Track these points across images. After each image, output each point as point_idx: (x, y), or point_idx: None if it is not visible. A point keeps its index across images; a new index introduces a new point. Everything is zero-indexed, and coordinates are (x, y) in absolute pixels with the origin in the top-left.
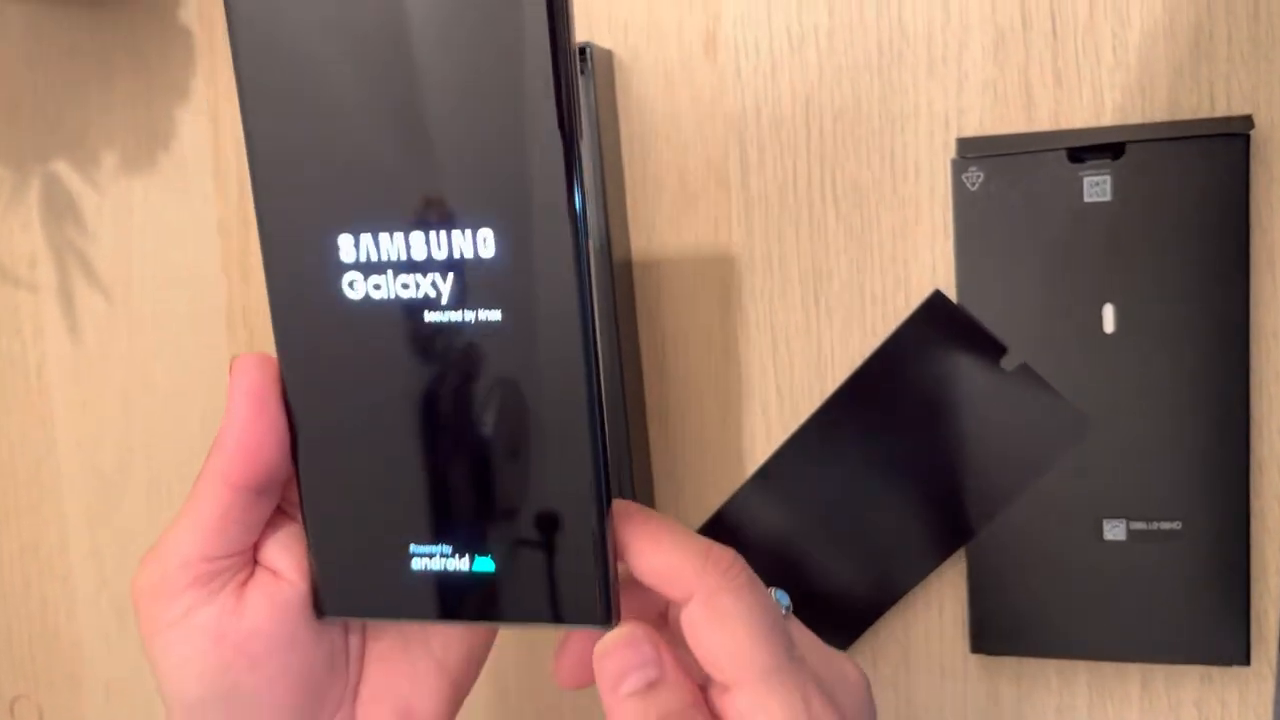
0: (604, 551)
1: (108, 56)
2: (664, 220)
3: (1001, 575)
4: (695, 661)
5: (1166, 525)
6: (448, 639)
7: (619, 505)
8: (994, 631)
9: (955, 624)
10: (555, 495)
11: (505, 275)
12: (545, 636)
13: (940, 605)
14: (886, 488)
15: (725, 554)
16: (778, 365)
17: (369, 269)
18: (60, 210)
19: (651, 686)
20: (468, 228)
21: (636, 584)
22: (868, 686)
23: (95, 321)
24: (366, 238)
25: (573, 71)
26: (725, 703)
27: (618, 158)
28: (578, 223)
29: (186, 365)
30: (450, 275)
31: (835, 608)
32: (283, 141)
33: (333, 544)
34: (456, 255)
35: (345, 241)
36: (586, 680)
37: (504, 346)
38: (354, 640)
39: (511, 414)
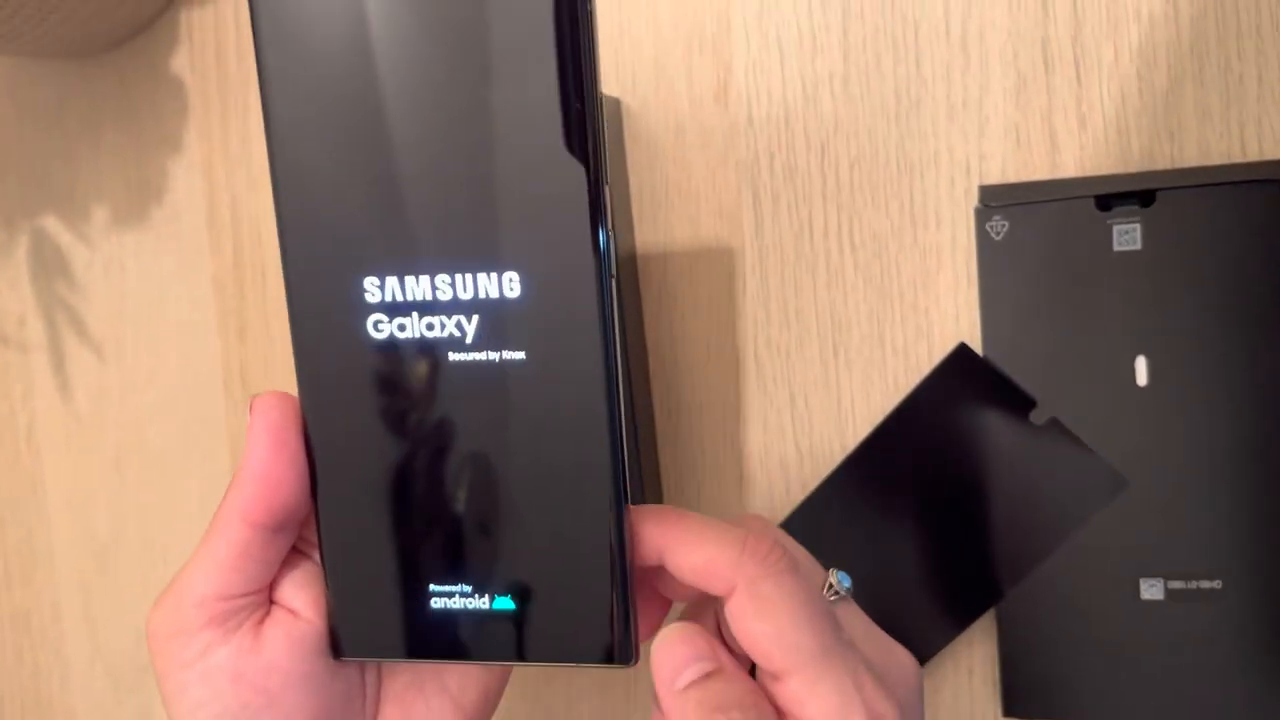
0: (625, 591)
1: (97, 108)
2: (676, 272)
3: (1034, 636)
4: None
5: (1206, 584)
6: (464, 678)
7: (652, 510)
8: (1026, 695)
9: (986, 686)
10: (576, 536)
11: (531, 316)
12: (562, 674)
13: (970, 667)
14: (911, 547)
15: (763, 541)
16: (796, 421)
17: (394, 310)
18: (50, 266)
19: (708, 678)
20: (494, 270)
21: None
22: (920, 674)
23: (86, 381)
24: (392, 280)
25: (600, 117)
26: (777, 691)
27: (628, 209)
28: (603, 264)
29: (181, 426)
30: (475, 316)
31: None
32: (309, 184)
33: (351, 584)
34: (482, 296)
35: (371, 284)
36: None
37: (528, 386)
38: (370, 678)
39: (534, 454)
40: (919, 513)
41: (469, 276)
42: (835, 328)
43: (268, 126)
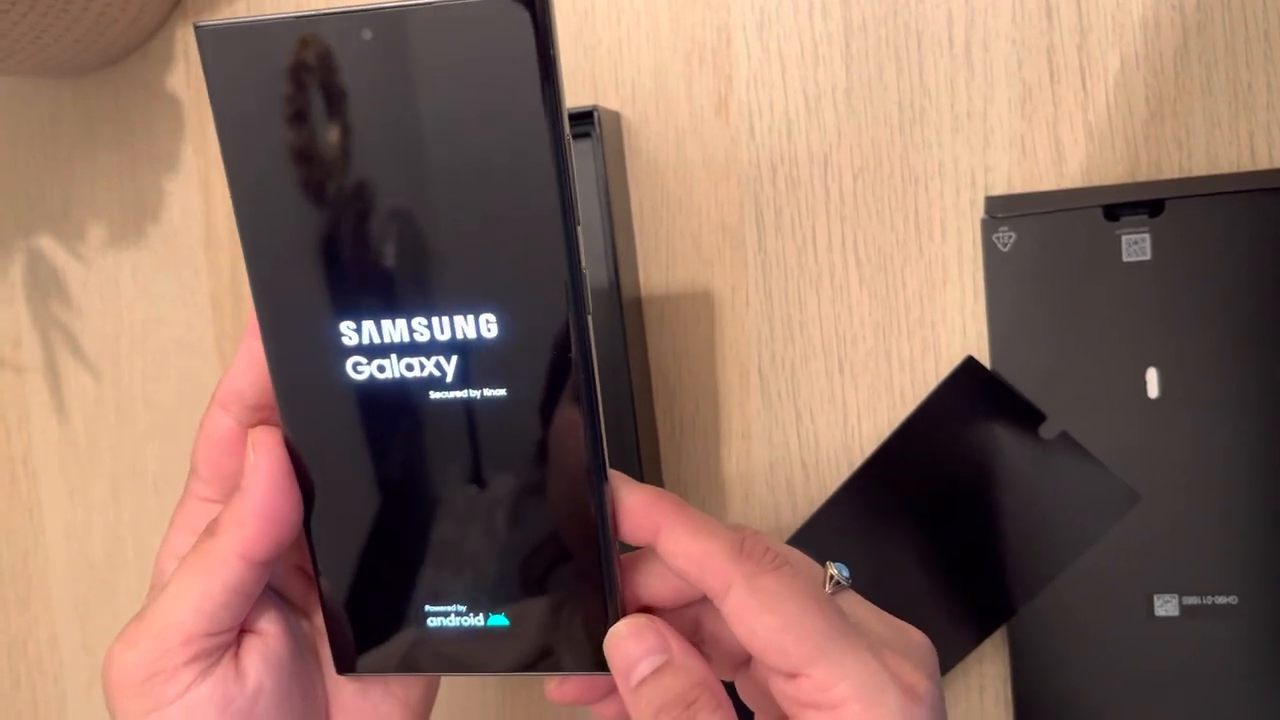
0: (613, 604)
1: (92, 126)
2: (678, 287)
3: (1046, 654)
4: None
5: (1221, 600)
6: (409, 679)
7: (651, 494)
8: (1039, 712)
9: (998, 705)
10: (565, 561)
11: (509, 354)
12: None
13: (981, 686)
14: (920, 564)
15: (759, 540)
16: (802, 437)
17: (372, 352)
18: (45, 286)
19: (659, 672)
20: (470, 312)
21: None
22: (934, 651)
23: (83, 403)
24: (369, 324)
25: (569, 158)
26: (797, 687)
27: (628, 223)
28: (579, 301)
29: (178, 448)
30: (454, 356)
31: None
32: (277, 231)
33: (351, 607)
34: (460, 336)
35: (347, 328)
36: (579, 698)
37: (510, 422)
38: (320, 690)
39: (518, 486)
40: (927, 529)
41: (446, 319)
42: (840, 342)
43: (229, 178)
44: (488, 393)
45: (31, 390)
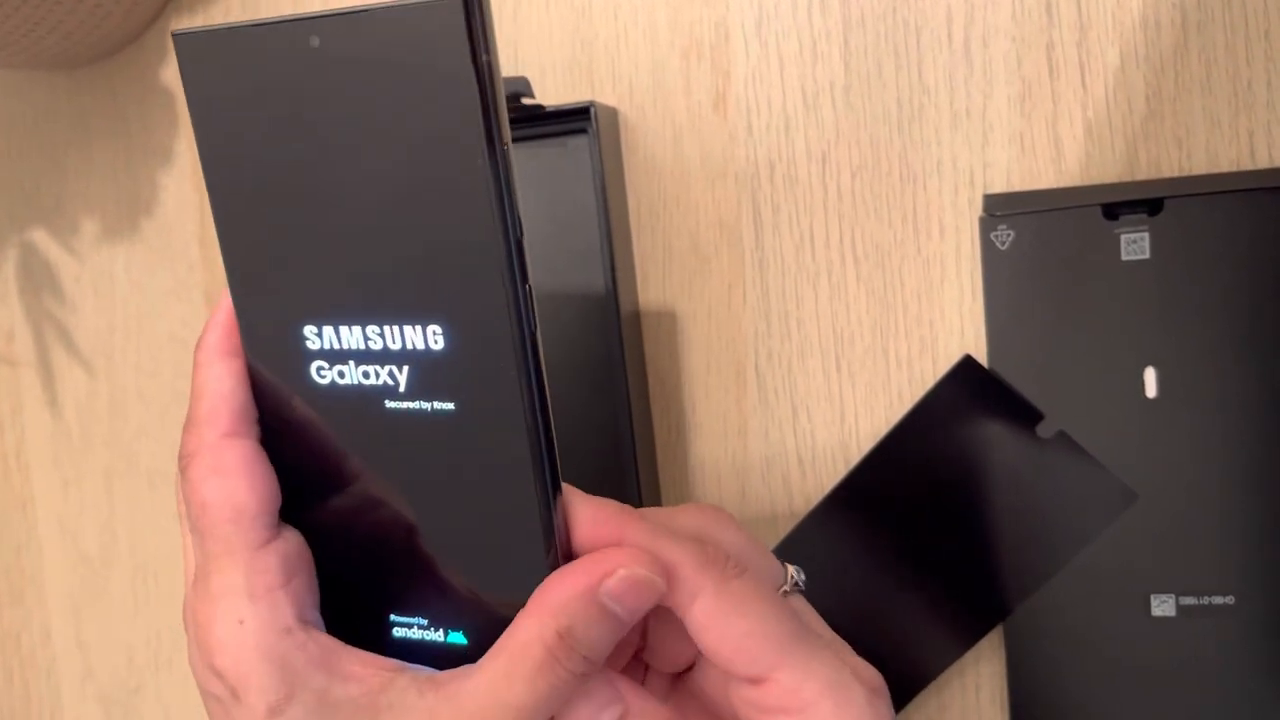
0: None
1: (86, 120)
2: (675, 284)
3: (1042, 654)
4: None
5: (1219, 600)
6: None
7: (607, 506)
8: (1035, 713)
9: (994, 704)
10: (515, 580)
11: (457, 368)
12: None
13: (977, 685)
14: (916, 563)
15: (718, 546)
16: (799, 434)
17: (333, 357)
18: (38, 281)
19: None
20: (418, 323)
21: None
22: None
23: (76, 397)
24: (329, 329)
25: (509, 165)
26: (763, 693)
27: (625, 220)
28: (522, 319)
29: (172, 442)
30: (406, 367)
31: None
32: (249, 234)
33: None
34: (410, 348)
35: (310, 331)
36: None
37: (459, 437)
38: None
39: (469, 503)
40: (924, 528)
41: (397, 328)
42: (838, 340)
43: (205, 179)
44: (437, 405)
45: (25, 385)
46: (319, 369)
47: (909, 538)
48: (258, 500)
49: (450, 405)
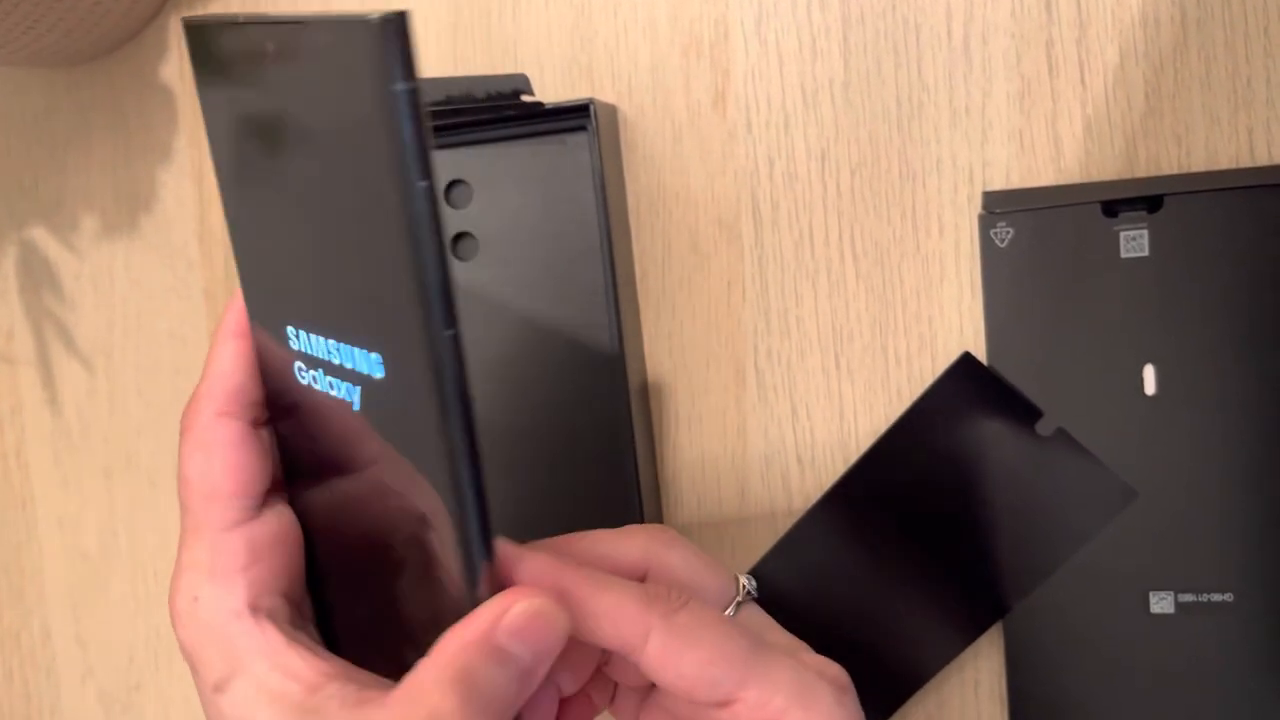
0: None
1: (85, 117)
2: (674, 281)
3: (1041, 651)
4: None
5: (1217, 597)
6: None
7: (546, 559)
8: (1034, 710)
9: (993, 702)
10: (451, 615)
11: (393, 402)
12: None
13: (976, 682)
14: (915, 560)
15: (659, 583)
16: (797, 432)
17: (308, 361)
18: (38, 278)
19: None
20: (363, 347)
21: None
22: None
23: (75, 395)
24: (304, 333)
25: (435, 208)
26: (732, 714)
27: (624, 217)
28: (441, 367)
29: (172, 440)
30: (359, 388)
31: (862, 687)
32: (246, 222)
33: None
34: (360, 370)
35: (291, 331)
36: None
37: (395, 471)
38: None
39: (405, 539)
40: (922, 526)
41: (350, 349)
42: (837, 338)
43: (214, 163)
44: (383, 433)
45: (24, 382)
46: (299, 368)
47: (908, 535)
48: (234, 482)
49: (389, 443)
